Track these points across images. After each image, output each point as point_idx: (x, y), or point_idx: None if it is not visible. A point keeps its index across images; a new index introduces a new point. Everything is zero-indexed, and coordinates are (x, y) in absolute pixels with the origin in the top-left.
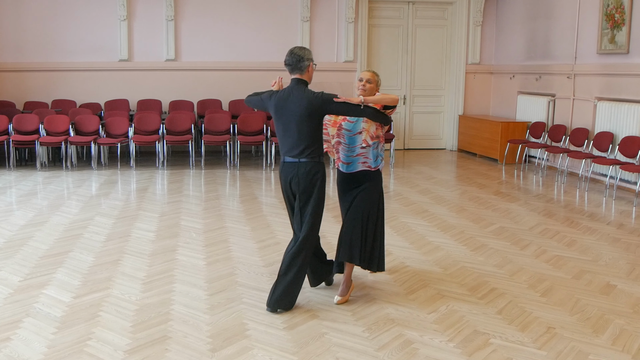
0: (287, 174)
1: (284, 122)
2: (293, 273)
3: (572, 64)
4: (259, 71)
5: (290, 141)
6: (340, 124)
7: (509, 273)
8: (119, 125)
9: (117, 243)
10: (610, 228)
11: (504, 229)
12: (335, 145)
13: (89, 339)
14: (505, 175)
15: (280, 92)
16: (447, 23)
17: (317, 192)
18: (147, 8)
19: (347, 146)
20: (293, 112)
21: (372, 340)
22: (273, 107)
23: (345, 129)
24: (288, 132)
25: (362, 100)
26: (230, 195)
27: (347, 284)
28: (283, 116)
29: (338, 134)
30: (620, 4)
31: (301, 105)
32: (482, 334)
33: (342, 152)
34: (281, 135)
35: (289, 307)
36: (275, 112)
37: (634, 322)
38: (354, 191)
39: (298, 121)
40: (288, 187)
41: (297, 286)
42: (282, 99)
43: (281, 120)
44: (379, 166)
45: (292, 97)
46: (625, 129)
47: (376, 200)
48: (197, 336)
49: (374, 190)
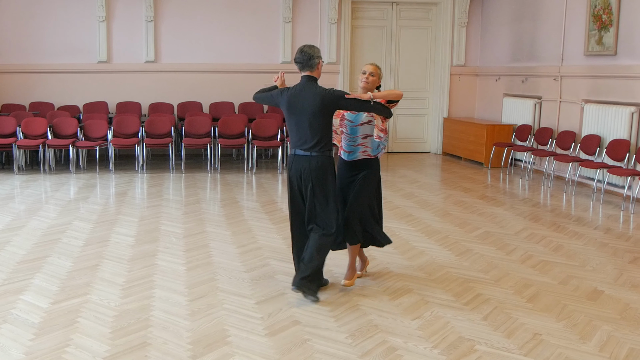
0: (299, 165)
1: (297, 118)
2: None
3: (559, 65)
4: (240, 73)
5: (303, 135)
6: (343, 114)
7: (495, 278)
8: (98, 128)
9: (95, 248)
10: (597, 233)
11: (490, 234)
12: (341, 135)
13: (67, 345)
14: (490, 179)
15: (292, 88)
16: (432, 24)
17: (332, 184)
18: (127, 9)
19: (349, 136)
20: (306, 108)
21: (355, 346)
22: (285, 103)
23: (348, 120)
24: (301, 127)
25: (372, 96)
26: (210, 199)
27: (354, 268)
28: (296, 112)
29: (341, 124)
30: (608, 5)
31: (314, 101)
32: (467, 341)
33: (344, 141)
34: (294, 130)
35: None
36: (288, 108)
37: (621, 329)
38: (354, 178)
39: (311, 117)
40: (299, 179)
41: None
42: (294, 95)
43: (294, 115)
44: (378, 154)
45: (304, 94)
46: (613, 132)
47: (375, 185)
48: (177, 343)
49: (374, 177)
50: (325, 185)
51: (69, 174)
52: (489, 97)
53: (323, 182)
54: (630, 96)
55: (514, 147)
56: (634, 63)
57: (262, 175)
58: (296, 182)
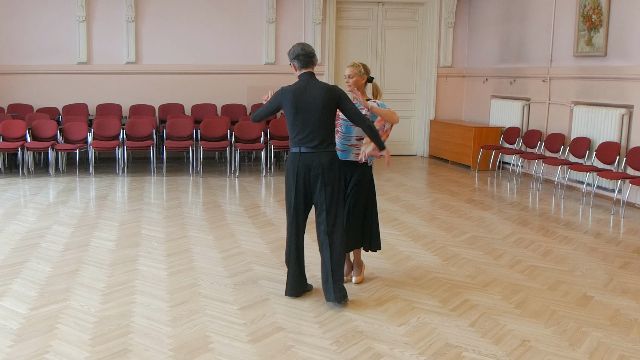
0: (306, 162)
1: (304, 114)
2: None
3: (548, 67)
4: (222, 74)
5: (311, 132)
6: (338, 113)
7: (482, 284)
8: (78, 131)
9: (75, 253)
10: (587, 237)
11: (477, 238)
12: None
13: (46, 352)
14: (478, 183)
15: (293, 86)
16: (418, 24)
17: (340, 182)
18: (107, 9)
19: (344, 135)
20: (313, 103)
21: (340, 353)
22: (290, 100)
23: (343, 119)
24: (308, 123)
25: (370, 107)
26: (192, 203)
27: (360, 265)
28: (303, 108)
29: (337, 124)
30: (598, 5)
31: (321, 95)
32: (454, 347)
33: (338, 139)
34: (299, 127)
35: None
36: (294, 104)
37: (611, 335)
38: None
39: (319, 111)
40: (306, 177)
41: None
42: (300, 92)
43: (300, 112)
44: (369, 162)
45: (311, 90)
46: (603, 135)
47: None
48: (159, 349)
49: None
50: (338, 180)
51: (48, 177)
52: (476, 98)
53: (335, 177)
54: (620, 98)
55: (502, 149)
56: (625, 64)
57: (245, 178)
58: (302, 182)
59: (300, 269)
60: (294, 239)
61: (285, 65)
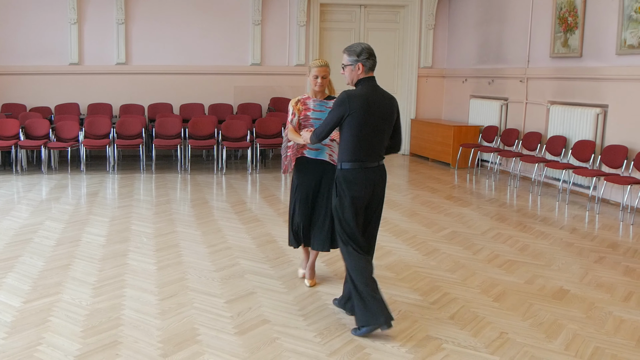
0: (370, 178)
1: (375, 124)
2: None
3: (525, 67)
4: (210, 75)
5: (377, 145)
6: (306, 114)
7: (462, 278)
8: (69, 129)
9: (67, 248)
10: (563, 232)
11: (457, 234)
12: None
13: (39, 344)
14: (457, 180)
15: (360, 91)
16: (399, 26)
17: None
18: (98, 11)
19: None
20: (383, 112)
21: (324, 345)
22: (361, 107)
23: (313, 119)
24: (377, 134)
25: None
26: (181, 199)
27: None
28: (373, 117)
29: (305, 125)
30: (574, 7)
31: (390, 105)
32: (434, 339)
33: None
34: (365, 140)
35: None
36: (366, 113)
37: (587, 327)
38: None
39: (388, 123)
40: (370, 194)
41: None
42: (371, 98)
43: (369, 121)
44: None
45: (378, 96)
46: (579, 133)
47: None
48: (148, 341)
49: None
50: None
51: (40, 174)
52: (456, 98)
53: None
54: (595, 97)
55: (480, 148)
56: (599, 65)
57: (231, 175)
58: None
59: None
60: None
61: (270, 66)
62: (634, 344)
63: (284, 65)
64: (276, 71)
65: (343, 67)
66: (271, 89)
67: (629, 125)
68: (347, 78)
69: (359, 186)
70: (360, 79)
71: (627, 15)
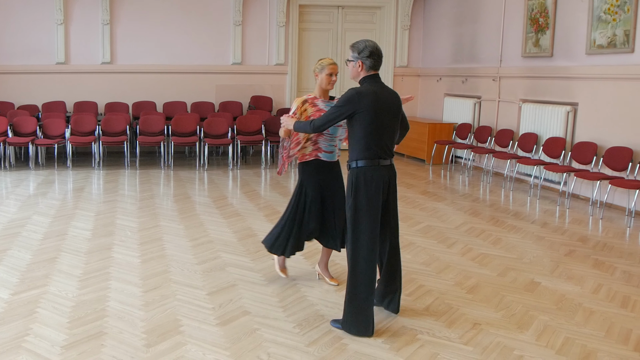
0: (386, 176)
1: (385, 120)
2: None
3: (498, 66)
4: (192, 74)
5: (387, 141)
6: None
7: (436, 270)
8: (56, 127)
9: (54, 241)
10: (534, 227)
11: (431, 228)
12: (315, 137)
13: (26, 334)
14: (432, 175)
15: (367, 88)
16: (376, 27)
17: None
18: (84, 12)
19: (331, 136)
20: (390, 109)
21: (302, 336)
22: (371, 105)
23: None
24: (386, 131)
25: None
26: (164, 194)
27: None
28: (383, 113)
29: None
30: (545, 9)
31: (395, 101)
32: (409, 330)
33: (325, 142)
34: (376, 137)
35: None
36: (377, 111)
37: (557, 318)
38: (333, 180)
39: (396, 118)
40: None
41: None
42: (380, 96)
43: (379, 118)
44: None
45: (385, 93)
46: (549, 130)
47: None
48: (132, 332)
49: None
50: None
51: (28, 170)
52: (430, 97)
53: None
54: (565, 96)
55: (454, 144)
56: (570, 64)
57: (213, 171)
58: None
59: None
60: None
61: (251, 65)
62: (603, 334)
63: (264, 65)
64: (256, 70)
65: (347, 62)
66: (251, 88)
67: (598, 123)
68: (350, 74)
69: (376, 183)
70: (365, 77)
71: (597, 16)
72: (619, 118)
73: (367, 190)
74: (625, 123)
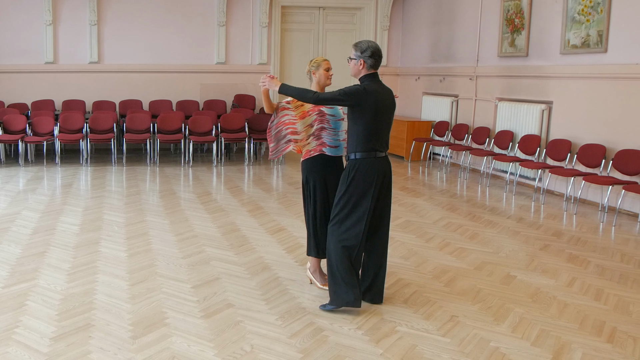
0: (381, 168)
1: (384, 116)
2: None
3: (474, 66)
4: (177, 73)
5: (384, 136)
6: (321, 109)
7: (415, 264)
8: (45, 125)
9: (43, 236)
10: (510, 222)
11: (410, 223)
12: (317, 132)
13: (16, 326)
14: (411, 172)
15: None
16: (356, 27)
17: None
18: (72, 13)
19: (334, 130)
20: (387, 105)
21: (285, 328)
22: (374, 102)
23: (329, 115)
24: (384, 127)
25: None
26: (150, 190)
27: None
28: (384, 109)
29: (322, 120)
30: (520, 10)
31: (391, 98)
32: (389, 322)
33: (329, 136)
34: (377, 130)
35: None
36: (378, 108)
37: (532, 311)
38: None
39: (393, 112)
40: (380, 182)
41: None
42: (381, 93)
43: (378, 114)
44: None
45: (385, 90)
46: (525, 128)
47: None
48: (119, 324)
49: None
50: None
51: (18, 167)
52: (409, 95)
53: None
54: (540, 94)
55: (432, 142)
56: (544, 64)
57: (198, 168)
58: (379, 187)
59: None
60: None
61: (234, 64)
62: (577, 326)
63: (247, 64)
64: (240, 70)
65: (349, 60)
66: (235, 87)
67: (572, 121)
68: (351, 71)
69: (372, 175)
70: (365, 75)
71: (571, 17)
72: (593, 116)
73: (363, 181)
74: (599, 121)
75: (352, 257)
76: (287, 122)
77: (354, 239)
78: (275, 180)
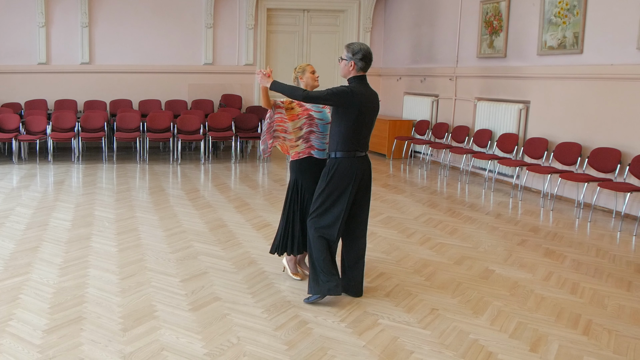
0: (360, 167)
1: (367, 118)
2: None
3: (454, 67)
4: (166, 73)
5: (366, 136)
6: (310, 113)
7: (396, 259)
8: (38, 123)
9: (36, 231)
10: (488, 218)
11: (392, 219)
12: (306, 135)
13: (10, 319)
14: (392, 169)
15: (358, 88)
16: (339, 29)
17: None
18: (64, 15)
19: (322, 134)
20: (372, 108)
21: (270, 320)
22: (359, 103)
23: (318, 119)
24: (367, 128)
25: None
26: (140, 187)
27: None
28: (367, 112)
29: (310, 124)
30: (499, 12)
31: (376, 100)
32: (371, 315)
33: (317, 140)
34: (358, 132)
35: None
36: (362, 110)
37: (510, 304)
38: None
39: (375, 115)
40: (360, 181)
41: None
42: (366, 96)
43: (363, 116)
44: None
45: (370, 93)
46: (503, 127)
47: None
48: (110, 317)
49: None
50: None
51: (11, 164)
52: (391, 95)
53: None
54: (518, 94)
55: (413, 140)
56: (522, 64)
57: (186, 165)
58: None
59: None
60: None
61: (221, 65)
62: (553, 319)
63: (234, 65)
64: (227, 70)
65: (340, 59)
66: (222, 87)
67: (549, 120)
68: (341, 71)
69: (350, 174)
70: (354, 76)
71: (548, 19)
72: (569, 115)
73: (342, 179)
74: (575, 120)
75: (330, 248)
76: (279, 120)
77: (332, 234)
78: (261, 177)
